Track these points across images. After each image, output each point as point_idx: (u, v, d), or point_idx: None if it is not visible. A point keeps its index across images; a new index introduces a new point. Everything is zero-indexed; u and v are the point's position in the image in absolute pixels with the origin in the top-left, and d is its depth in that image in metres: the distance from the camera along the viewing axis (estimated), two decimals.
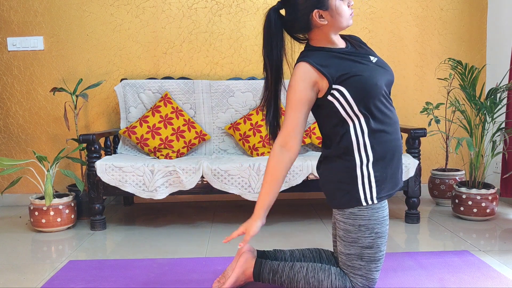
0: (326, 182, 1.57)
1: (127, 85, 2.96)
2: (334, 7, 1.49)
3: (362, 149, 1.49)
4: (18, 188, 3.21)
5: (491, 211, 2.57)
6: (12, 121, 3.19)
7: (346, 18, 1.52)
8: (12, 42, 3.12)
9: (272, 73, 1.57)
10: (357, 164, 1.49)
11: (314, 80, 1.48)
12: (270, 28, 1.54)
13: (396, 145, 1.54)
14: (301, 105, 1.49)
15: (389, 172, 1.51)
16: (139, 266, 1.98)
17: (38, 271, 1.96)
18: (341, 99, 1.47)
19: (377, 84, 1.48)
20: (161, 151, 2.78)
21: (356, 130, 1.49)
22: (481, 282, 1.73)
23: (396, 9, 3.22)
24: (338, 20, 1.51)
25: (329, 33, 1.54)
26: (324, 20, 1.50)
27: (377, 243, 1.50)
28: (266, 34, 1.56)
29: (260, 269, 1.60)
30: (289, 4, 1.53)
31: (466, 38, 3.26)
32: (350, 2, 1.53)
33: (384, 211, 1.52)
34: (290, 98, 1.50)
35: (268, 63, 1.57)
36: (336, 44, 1.56)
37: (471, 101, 2.66)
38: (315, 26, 1.53)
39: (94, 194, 2.51)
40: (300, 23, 1.53)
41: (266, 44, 1.56)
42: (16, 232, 2.59)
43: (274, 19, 1.54)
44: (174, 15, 3.16)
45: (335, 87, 1.47)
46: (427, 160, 3.30)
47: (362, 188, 1.48)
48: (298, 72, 1.49)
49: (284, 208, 3.00)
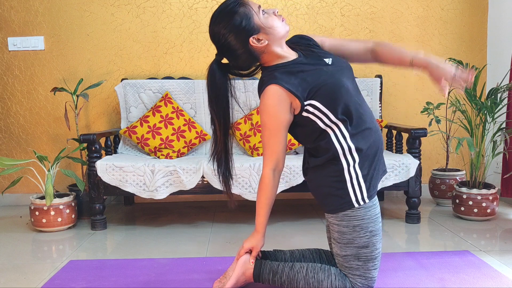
0: (317, 188, 1.58)
1: (128, 85, 2.97)
2: (262, 25, 1.50)
3: (347, 153, 1.50)
4: (18, 188, 3.21)
5: (492, 211, 2.57)
6: (13, 121, 3.20)
7: (280, 26, 1.52)
8: (12, 42, 3.12)
9: (221, 126, 1.58)
10: (345, 167, 1.50)
11: (289, 101, 1.49)
12: (215, 80, 1.55)
13: (376, 136, 1.56)
14: (282, 129, 1.51)
15: (374, 165, 1.54)
16: (139, 266, 1.98)
17: (38, 271, 1.96)
18: (316, 112, 1.49)
19: (343, 86, 1.50)
20: (162, 151, 2.78)
21: (338, 136, 1.50)
22: (481, 282, 1.73)
23: (397, 9, 3.21)
24: (275, 33, 1.52)
25: (275, 49, 1.54)
26: (263, 41, 1.50)
27: (373, 242, 1.51)
28: (211, 87, 1.57)
29: (260, 270, 1.60)
30: (225, 50, 1.53)
31: (467, 38, 3.25)
32: (274, 11, 1.54)
33: (376, 209, 1.53)
34: (269, 124, 1.50)
35: (215, 117, 1.58)
36: (287, 56, 1.56)
37: (471, 101, 2.66)
38: (260, 52, 1.53)
39: (94, 194, 2.51)
40: (245, 58, 1.54)
41: (212, 97, 1.57)
42: (17, 232, 2.59)
43: (217, 70, 1.55)
44: (175, 15, 3.16)
45: (307, 103, 1.48)
46: (427, 160, 3.30)
47: (352, 190, 1.49)
48: (272, 96, 1.48)
49: (284, 208, 3.00)
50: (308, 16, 3.19)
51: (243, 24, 1.47)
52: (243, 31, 1.48)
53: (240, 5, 1.49)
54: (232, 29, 1.48)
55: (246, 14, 1.48)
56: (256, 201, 1.59)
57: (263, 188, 1.55)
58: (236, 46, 1.51)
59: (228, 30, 1.48)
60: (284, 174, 2.44)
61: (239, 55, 1.53)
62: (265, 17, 1.51)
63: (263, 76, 1.57)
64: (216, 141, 1.60)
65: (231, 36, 1.49)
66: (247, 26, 1.48)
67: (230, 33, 1.49)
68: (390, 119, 3.28)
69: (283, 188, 2.44)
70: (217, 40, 1.52)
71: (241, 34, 1.48)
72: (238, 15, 1.47)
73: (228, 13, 1.48)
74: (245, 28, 1.48)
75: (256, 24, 1.49)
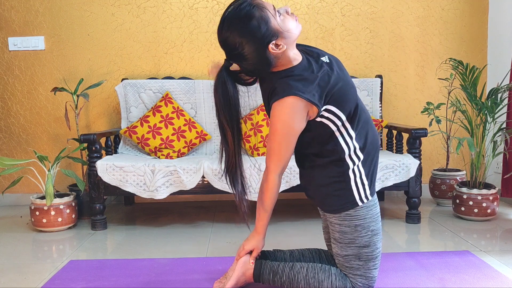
0: (317, 187, 1.55)
1: (128, 85, 2.97)
2: (281, 29, 1.38)
3: (352, 153, 1.49)
4: (19, 188, 3.21)
5: (492, 211, 2.57)
6: (13, 121, 3.20)
7: (295, 27, 1.43)
8: (13, 42, 3.12)
9: (234, 137, 1.49)
10: (350, 166, 1.49)
11: (306, 110, 1.42)
12: (227, 88, 1.43)
13: (375, 135, 1.56)
14: (295, 136, 1.46)
15: (374, 162, 1.54)
16: (139, 266, 1.98)
17: (39, 270, 1.96)
18: (330, 116, 1.45)
19: (353, 87, 1.49)
20: (162, 151, 2.78)
21: (345, 138, 1.49)
22: (482, 282, 1.73)
23: (397, 9, 3.21)
24: (291, 36, 1.42)
25: (289, 53, 1.44)
26: (282, 46, 1.40)
27: (374, 241, 1.51)
28: (223, 96, 1.44)
29: (261, 270, 1.60)
30: (239, 58, 1.41)
31: (467, 38, 3.25)
32: (286, 10, 1.43)
33: (377, 208, 1.54)
34: (282, 132, 1.43)
35: (229, 128, 1.47)
36: (297, 59, 1.47)
37: (472, 101, 2.66)
38: (277, 58, 1.42)
39: (95, 194, 2.51)
40: (260, 66, 1.42)
41: (225, 107, 1.44)
42: (17, 232, 2.59)
43: (228, 78, 1.44)
44: (175, 15, 3.16)
45: (324, 108, 1.44)
46: (428, 160, 3.30)
47: (356, 189, 1.49)
48: (289, 108, 1.39)
49: (284, 208, 3.00)
50: (308, 16, 3.19)
51: (262, 31, 1.35)
52: (262, 38, 1.35)
53: (255, 7, 1.35)
54: (249, 36, 1.35)
55: (263, 19, 1.35)
56: (259, 204, 1.54)
57: (268, 191, 1.51)
58: (253, 54, 1.39)
59: (245, 38, 1.36)
60: (285, 174, 2.44)
61: (253, 63, 1.41)
62: (282, 20, 1.39)
63: (274, 82, 1.45)
64: (228, 154, 1.51)
65: (248, 44, 1.36)
66: (265, 32, 1.35)
67: (247, 41, 1.36)
68: (390, 119, 3.28)
69: (283, 188, 2.44)
70: (231, 48, 1.40)
71: (260, 42, 1.36)
72: (255, 20, 1.34)
73: (244, 18, 1.34)
74: (264, 35, 1.35)
75: (275, 28, 1.37)
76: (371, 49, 3.23)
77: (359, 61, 3.23)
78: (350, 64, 3.23)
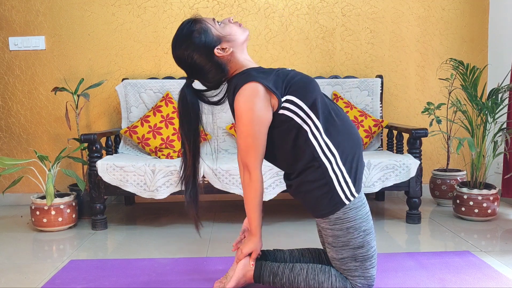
0: (305, 194, 1.54)
1: (129, 84, 2.97)
2: (221, 34, 1.53)
3: (326, 150, 1.48)
4: (19, 188, 3.22)
5: (492, 211, 2.57)
6: (14, 121, 3.20)
7: (239, 32, 1.56)
8: (14, 41, 3.13)
9: (191, 150, 1.58)
10: (328, 166, 1.48)
11: (269, 98, 1.48)
12: (186, 102, 1.56)
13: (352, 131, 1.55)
14: (266, 128, 1.50)
15: (356, 159, 1.53)
16: (140, 266, 1.98)
17: (39, 270, 1.96)
18: (291, 107, 1.49)
19: (313, 80, 1.54)
20: (162, 150, 2.78)
21: (314, 132, 1.49)
22: (482, 282, 1.73)
23: (398, 9, 3.21)
24: (236, 38, 1.55)
25: (240, 55, 1.57)
26: (228, 49, 1.53)
27: (367, 240, 1.51)
28: (182, 110, 1.57)
29: (261, 271, 1.60)
30: (193, 69, 1.56)
31: (468, 38, 3.25)
32: (230, 19, 1.57)
33: (366, 207, 1.54)
34: (253, 123, 1.47)
35: (186, 140, 1.58)
36: (250, 65, 1.59)
37: (472, 101, 2.66)
38: (227, 61, 1.55)
39: (95, 193, 2.51)
40: (214, 73, 1.57)
41: (184, 120, 1.58)
42: (17, 231, 2.59)
43: (188, 93, 1.57)
44: (176, 15, 3.16)
45: (284, 99, 1.49)
46: (428, 160, 3.30)
47: (340, 188, 1.48)
48: (251, 94, 1.46)
49: (284, 208, 3.00)
50: (309, 16, 3.19)
51: (203, 39, 1.51)
52: (206, 45, 1.51)
53: (194, 23, 1.53)
54: (194, 47, 1.51)
55: (203, 29, 1.51)
56: (248, 206, 1.56)
57: (255, 191, 1.53)
58: (203, 62, 1.53)
59: (191, 49, 1.52)
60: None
61: (208, 71, 1.55)
62: (222, 27, 1.54)
63: (234, 81, 1.56)
64: (186, 165, 1.60)
65: (195, 54, 1.52)
66: (207, 39, 1.51)
67: (194, 52, 1.52)
68: (390, 119, 3.28)
69: (283, 188, 2.44)
70: (184, 62, 1.56)
71: (205, 49, 1.51)
72: (196, 32, 1.51)
73: (186, 35, 1.52)
74: (207, 42, 1.51)
75: (215, 35, 1.52)
76: (372, 49, 3.23)
77: (359, 61, 3.23)
78: (351, 64, 3.23)
